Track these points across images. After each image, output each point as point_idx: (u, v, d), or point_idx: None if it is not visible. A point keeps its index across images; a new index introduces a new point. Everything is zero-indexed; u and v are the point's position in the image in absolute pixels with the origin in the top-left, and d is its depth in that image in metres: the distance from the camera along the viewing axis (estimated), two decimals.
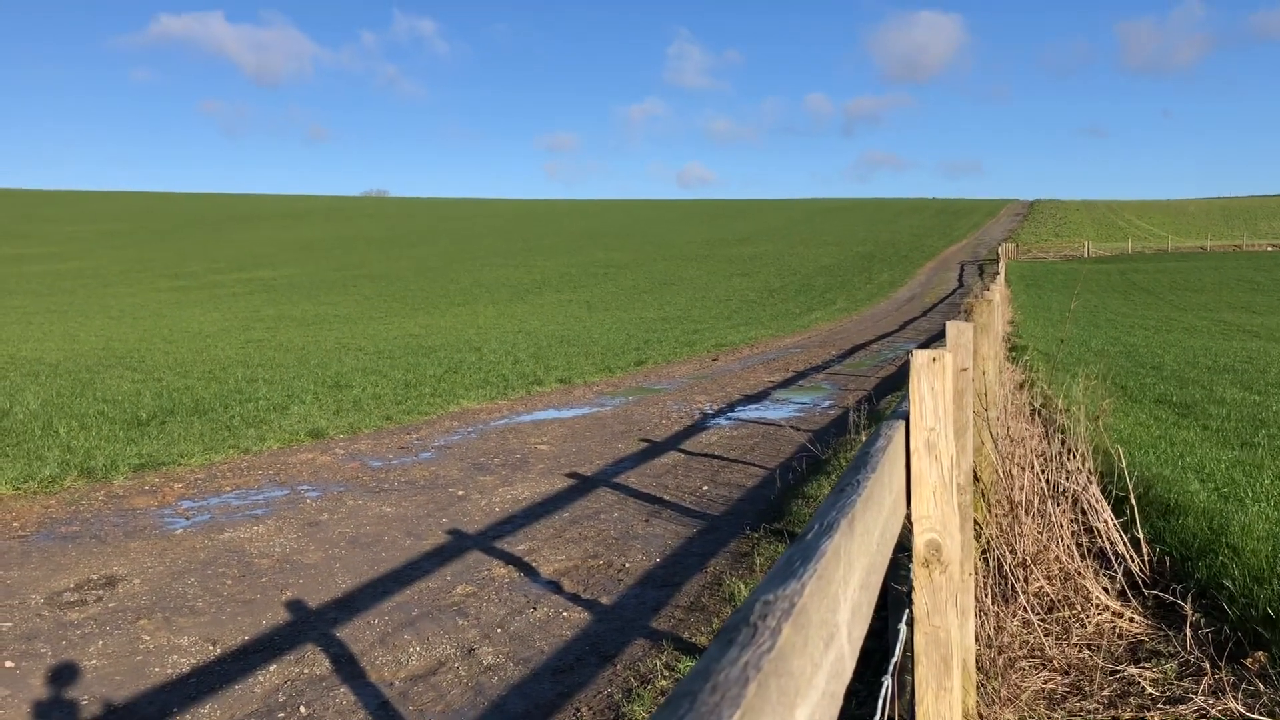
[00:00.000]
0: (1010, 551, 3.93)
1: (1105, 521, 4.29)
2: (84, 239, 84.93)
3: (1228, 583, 3.83)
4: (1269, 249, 64.35)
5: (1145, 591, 4.01)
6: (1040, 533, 4.06)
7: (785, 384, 13.35)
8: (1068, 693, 3.32)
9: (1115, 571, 4.14)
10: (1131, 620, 3.83)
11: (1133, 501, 4.45)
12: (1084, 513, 4.29)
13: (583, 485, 6.99)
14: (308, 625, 4.27)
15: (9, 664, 3.84)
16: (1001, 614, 3.69)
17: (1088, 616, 3.83)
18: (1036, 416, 6.79)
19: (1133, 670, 3.40)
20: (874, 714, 1.67)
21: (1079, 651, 3.61)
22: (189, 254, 68.12)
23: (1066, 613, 3.84)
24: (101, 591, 4.71)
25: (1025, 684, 3.34)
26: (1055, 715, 3.14)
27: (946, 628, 2.14)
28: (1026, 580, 3.90)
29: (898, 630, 2.39)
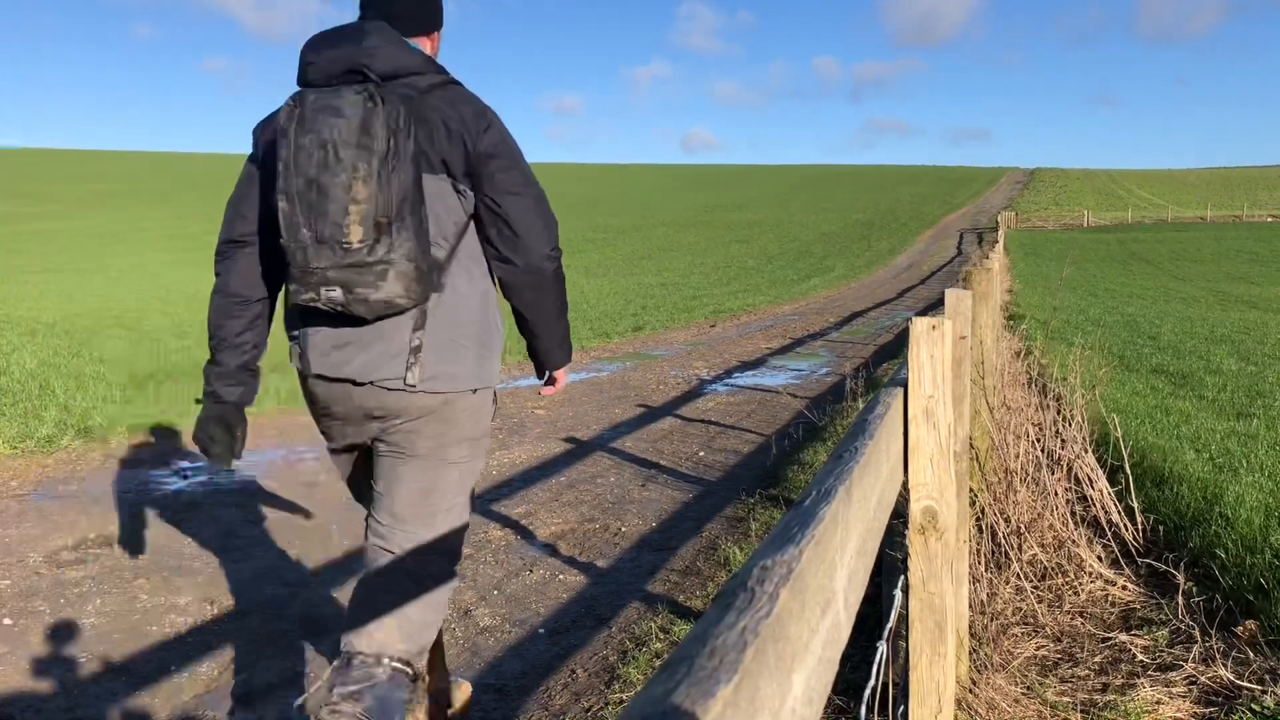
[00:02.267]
0: (1004, 519, 3.95)
1: (1099, 490, 4.31)
2: (82, 199, 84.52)
3: (1220, 552, 3.86)
4: (1269, 220, 64.23)
5: (1138, 560, 4.04)
6: (1035, 501, 4.08)
7: (783, 351, 13.36)
8: (1059, 659, 3.35)
9: (1109, 540, 4.17)
10: (1124, 588, 3.85)
11: (1127, 470, 4.47)
12: (1078, 481, 4.31)
13: (579, 450, 7.01)
14: (307, 585, 4.29)
15: (7, 621, 3.87)
16: (995, 581, 3.72)
17: (1080, 584, 3.85)
18: (1033, 385, 6.80)
19: (1124, 637, 3.43)
20: (869, 679, 1.68)
21: (1071, 618, 3.64)
22: (188, 215, 67.81)
23: (1059, 580, 3.87)
24: (99, 550, 4.73)
25: (1018, 650, 3.37)
26: (1047, 681, 3.17)
27: (941, 594, 2.15)
28: (1020, 548, 3.92)
29: (893, 596, 2.40)
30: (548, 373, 2.85)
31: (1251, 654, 3.19)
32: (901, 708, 2.42)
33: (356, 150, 2.17)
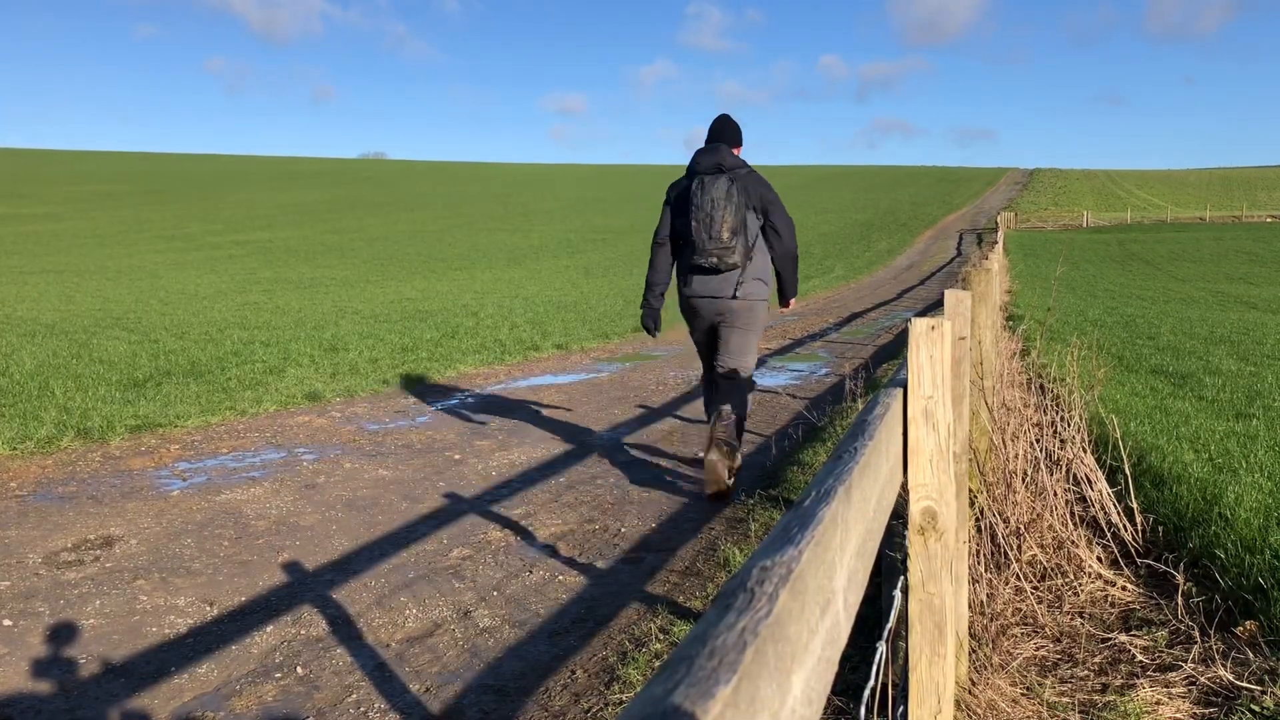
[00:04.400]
0: (1004, 520, 3.95)
1: (1099, 491, 4.31)
2: (81, 199, 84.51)
3: (1219, 552, 3.86)
4: (1268, 220, 64.25)
5: (1137, 560, 4.04)
6: (1034, 501, 4.08)
7: (782, 351, 13.36)
8: (1059, 660, 3.35)
9: (1108, 540, 4.17)
10: (1123, 589, 3.85)
11: (1127, 471, 4.47)
12: (1078, 482, 4.31)
13: (579, 450, 7.01)
14: (304, 587, 4.29)
15: (7, 622, 3.87)
16: (994, 582, 3.72)
17: (1080, 585, 3.85)
18: (1032, 386, 6.80)
19: (1124, 638, 3.43)
20: (868, 679, 1.68)
21: (1071, 619, 3.64)
22: (186, 215, 67.81)
23: (1059, 581, 3.87)
24: (99, 551, 4.73)
25: (1017, 651, 3.37)
26: (1046, 682, 3.17)
27: (941, 595, 2.15)
28: (1019, 548, 3.92)
29: (892, 597, 2.40)
30: (789, 300, 5.99)
31: (1251, 654, 3.19)
32: (901, 708, 2.42)
33: (725, 201, 5.27)
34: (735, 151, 5.59)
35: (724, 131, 5.60)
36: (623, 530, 5.12)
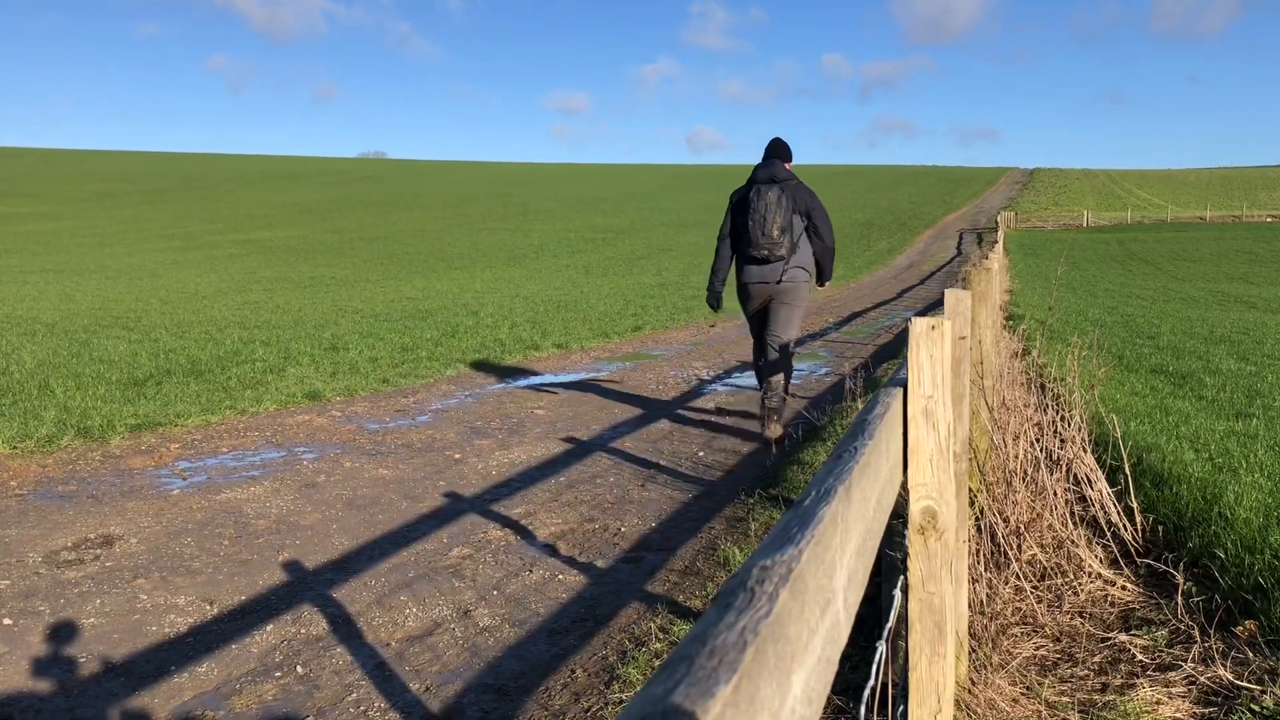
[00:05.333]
0: (1004, 519, 3.95)
1: (1099, 490, 4.31)
2: (81, 199, 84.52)
3: (1219, 552, 3.86)
4: (1268, 220, 64.24)
5: (1137, 560, 4.04)
6: (1034, 501, 4.08)
7: None
8: (1059, 659, 3.35)
9: (1108, 540, 4.17)
10: (1123, 588, 3.85)
11: (1126, 470, 4.47)
12: (1078, 481, 4.31)
13: (579, 450, 7.01)
14: (304, 586, 4.29)
15: (7, 621, 3.87)
16: (994, 581, 3.72)
17: (1080, 584, 3.85)
18: (1032, 385, 6.80)
19: (1124, 637, 3.43)
20: (868, 679, 1.68)
21: (1070, 619, 3.64)
22: (186, 215, 67.82)
23: (1059, 580, 3.87)
24: (99, 550, 4.73)
25: (1017, 650, 3.37)
26: (1046, 681, 3.17)
27: (941, 594, 2.15)
28: (1019, 548, 3.92)
29: (892, 596, 2.40)
30: (825, 282, 7.37)
31: (1251, 654, 3.19)
32: (901, 708, 2.42)
33: (775, 206, 6.66)
34: (786, 166, 7.00)
35: (779, 150, 7.08)
36: (622, 529, 5.12)
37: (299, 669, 3.48)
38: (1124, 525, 4.25)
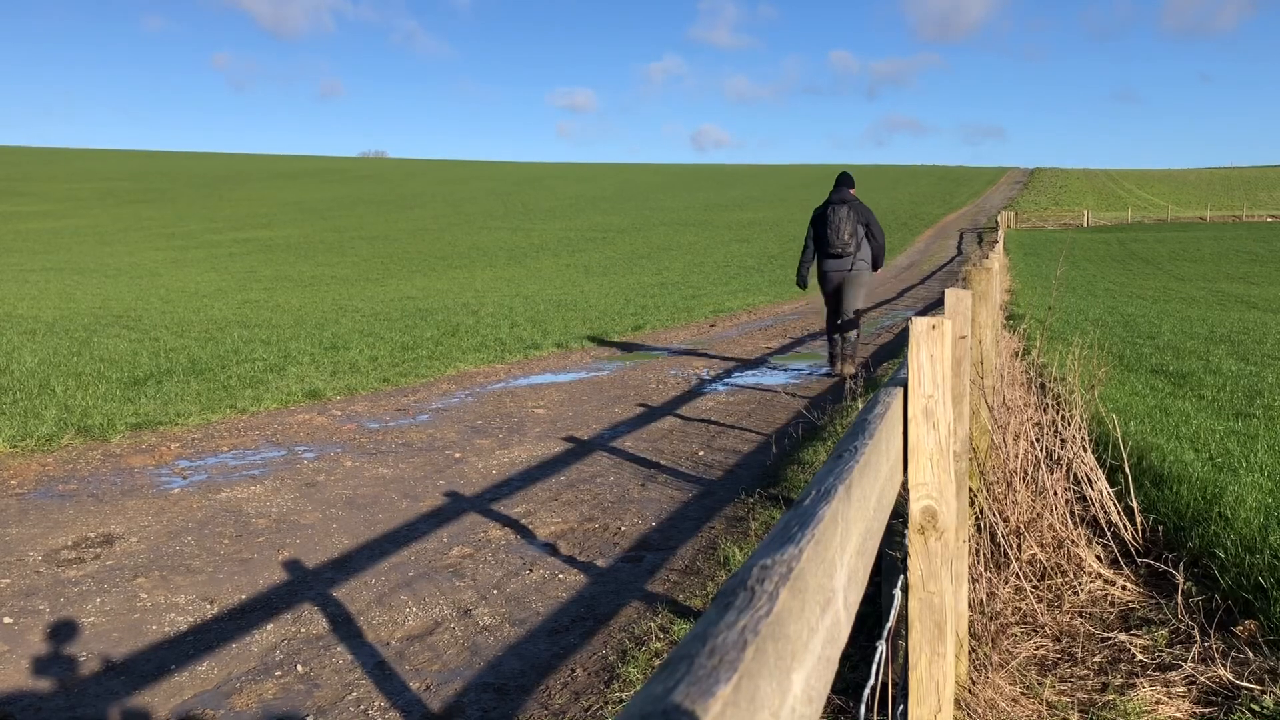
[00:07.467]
0: (1004, 519, 3.95)
1: (1099, 490, 4.31)
2: (82, 197, 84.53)
3: (1219, 552, 3.86)
4: (1268, 220, 64.23)
5: (1137, 560, 4.04)
6: (1034, 500, 4.08)
7: (783, 350, 13.36)
8: (1059, 659, 3.35)
9: (1108, 540, 4.17)
10: (1123, 588, 3.86)
11: (1126, 470, 4.47)
12: (1078, 481, 4.31)
13: (579, 449, 7.01)
14: (305, 585, 4.30)
15: (7, 620, 3.87)
16: (994, 581, 3.72)
17: (1080, 584, 3.86)
18: (1032, 385, 6.80)
19: (1123, 637, 3.43)
20: (868, 678, 1.68)
21: (1070, 618, 3.64)
22: (187, 213, 67.83)
23: (1059, 580, 3.87)
24: (99, 549, 4.73)
25: (1017, 650, 3.37)
26: (1046, 681, 3.17)
27: (941, 594, 2.15)
28: (1019, 547, 3.92)
29: (892, 596, 2.40)
30: (877, 269, 10.26)
31: (1251, 654, 3.19)
32: (901, 707, 2.42)
33: (846, 219, 9.85)
34: (851, 191, 9.95)
35: (845, 180, 10.03)
36: (622, 529, 5.12)
37: (299, 668, 3.48)
38: (1124, 525, 4.26)
